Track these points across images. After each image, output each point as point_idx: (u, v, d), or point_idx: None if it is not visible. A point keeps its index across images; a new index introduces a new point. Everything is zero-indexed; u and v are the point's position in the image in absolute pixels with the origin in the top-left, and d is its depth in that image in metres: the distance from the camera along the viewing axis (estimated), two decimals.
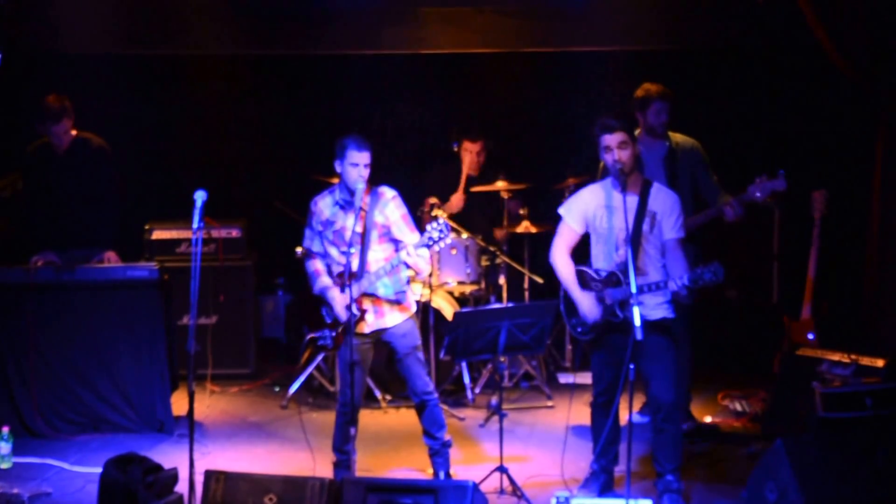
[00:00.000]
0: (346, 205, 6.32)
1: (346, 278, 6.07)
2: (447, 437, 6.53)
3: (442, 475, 6.47)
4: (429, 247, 6.11)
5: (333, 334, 6.34)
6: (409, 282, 6.54)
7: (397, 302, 6.40)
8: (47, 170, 7.57)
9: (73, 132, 7.55)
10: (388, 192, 6.37)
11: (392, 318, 6.39)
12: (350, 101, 9.68)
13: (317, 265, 6.48)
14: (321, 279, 6.42)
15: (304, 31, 9.23)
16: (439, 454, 6.51)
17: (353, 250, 6.09)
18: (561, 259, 6.23)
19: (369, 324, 6.35)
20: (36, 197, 7.64)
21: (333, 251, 6.39)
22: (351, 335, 6.07)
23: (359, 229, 6.26)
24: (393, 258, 6.20)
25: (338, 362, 6.48)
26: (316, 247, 6.48)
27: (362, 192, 6.21)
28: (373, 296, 6.31)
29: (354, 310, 6.14)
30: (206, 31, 9.04)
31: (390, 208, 6.33)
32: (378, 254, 6.31)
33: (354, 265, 6.22)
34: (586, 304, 6.11)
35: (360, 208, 6.27)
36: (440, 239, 6.08)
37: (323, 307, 6.39)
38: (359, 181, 6.18)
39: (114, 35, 8.91)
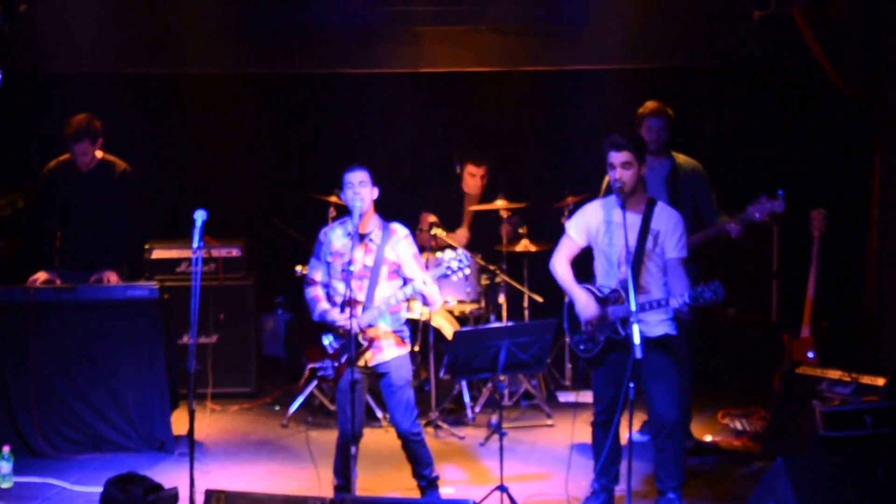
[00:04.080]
0: (357, 236, 6.31)
1: (351, 306, 6.08)
2: (435, 472, 6.46)
3: None
4: (446, 276, 6.18)
5: (336, 364, 6.31)
6: (407, 300, 6.55)
7: (397, 338, 6.39)
8: (67, 189, 7.60)
9: (99, 154, 7.59)
10: (400, 230, 6.39)
11: (390, 353, 6.36)
12: (349, 119, 9.68)
13: (316, 292, 6.45)
14: (321, 304, 6.39)
15: (303, 50, 9.25)
16: (428, 489, 6.44)
17: (362, 283, 6.16)
18: (560, 265, 6.30)
19: (368, 359, 6.33)
20: (51, 215, 7.66)
21: (340, 285, 6.32)
22: (352, 366, 6.03)
23: (369, 262, 6.29)
24: (406, 287, 6.22)
25: (337, 394, 6.43)
26: (319, 276, 6.46)
27: (360, 209, 6.21)
28: (373, 329, 6.29)
29: (361, 339, 6.17)
30: (204, 51, 9.05)
31: (402, 246, 6.34)
32: (385, 290, 6.29)
33: (361, 296, 6.25)
34: (583, 300, 6.14)
35: (368, 238, 6.28)
36: (459, 269, 6.18)
37: (324, 335, 6.36)
38: (355, 199, 6.20)
39: (111, 55, 8.91)
